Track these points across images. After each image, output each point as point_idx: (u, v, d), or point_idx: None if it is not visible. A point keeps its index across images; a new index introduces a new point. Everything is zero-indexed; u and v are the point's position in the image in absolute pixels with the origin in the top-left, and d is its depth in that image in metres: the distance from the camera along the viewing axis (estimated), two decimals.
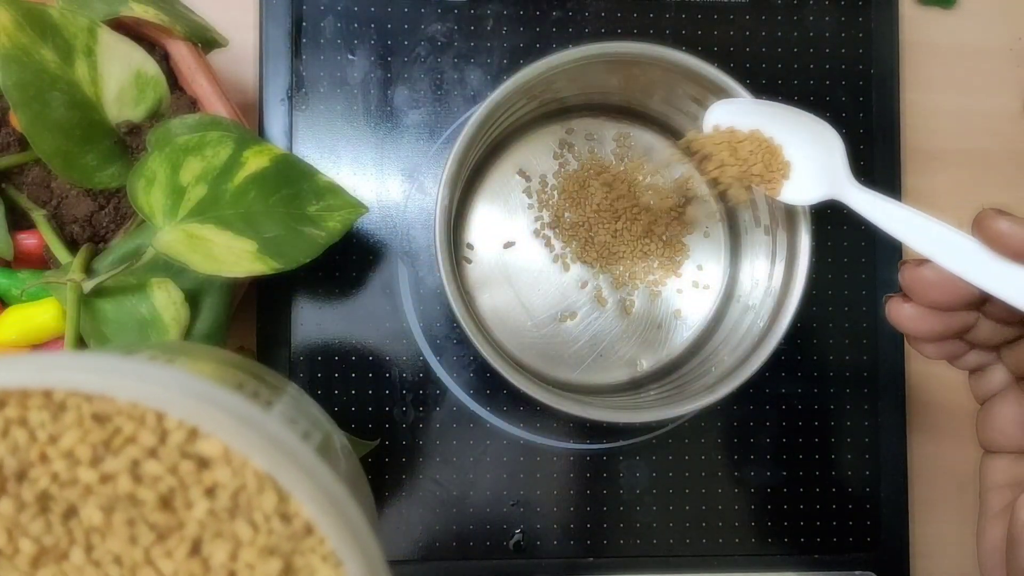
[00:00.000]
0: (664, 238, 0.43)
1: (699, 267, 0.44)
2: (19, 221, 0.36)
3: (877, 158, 0.46)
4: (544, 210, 0.43)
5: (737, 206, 0.43)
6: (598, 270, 0.43)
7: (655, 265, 0.43)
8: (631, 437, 0.44)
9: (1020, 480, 0.29)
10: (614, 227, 0.43)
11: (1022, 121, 0.48)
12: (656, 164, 0.43)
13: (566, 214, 0.43)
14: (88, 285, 0.32)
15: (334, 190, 0.35)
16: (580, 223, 0.43)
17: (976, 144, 0.48)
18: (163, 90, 0.36)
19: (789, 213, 0.38)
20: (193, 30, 0.37)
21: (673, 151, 0.43)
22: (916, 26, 0.48)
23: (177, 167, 0.31)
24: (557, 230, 0.43)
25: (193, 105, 0.37)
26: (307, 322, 0.43)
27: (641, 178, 0.43)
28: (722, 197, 0.35)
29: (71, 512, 0.19)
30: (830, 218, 0.45)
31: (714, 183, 0.36)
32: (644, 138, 0.44)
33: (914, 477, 0.45)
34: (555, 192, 0.43)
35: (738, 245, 0.43)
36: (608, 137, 0.44)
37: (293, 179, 0.34)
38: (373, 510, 0.30)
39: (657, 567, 0.43)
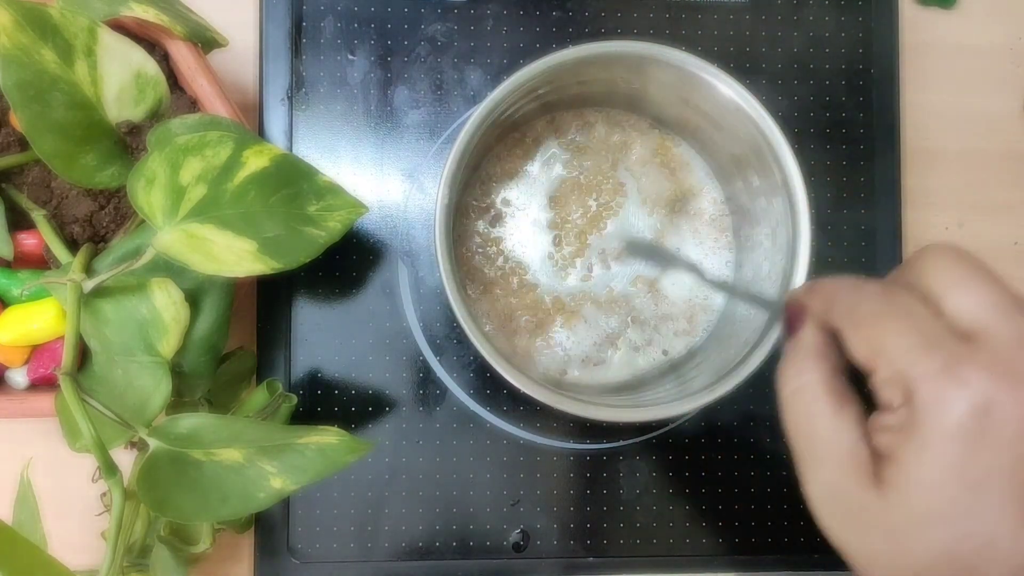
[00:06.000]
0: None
1: (700, 265, 0.43)
2: (19, 221, 0.36)
3: (877, 158, 0.46)
4: (547, 209, 0.43)
5: (741, 205, 0.43)
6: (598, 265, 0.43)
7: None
8: (631, 437, 0.44)
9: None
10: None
11: (1022, 121, 0.48)
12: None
13: (568, 215, 0.43)
14: (88, 285, 0.32)
15: (334, 190, 0.35)
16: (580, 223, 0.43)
17: (976, 144, 0.48)
18: (163, 90, 0.36)
19: (791, 212, 0.38)
20: (193, 30, 0.37)
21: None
22: (916, 26, 0.48)
23: (177, 167, 0.31)
24: (561, 232, 0.43)
25: (193, 105, 0.37)
26: (307, 322, 0.43)
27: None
28: None
29: None
30: (830, 218, 0.45)
31: None
32: (642, 128, 0.44)
33: None
34: (557, 193, 0.43)
35: (740, 244, 0.43)
36: (607, 131, 0.44)
37: (293, 179, 0.34)
38: None
39: (657, 567, 0.43)
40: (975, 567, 0.24)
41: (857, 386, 0.28)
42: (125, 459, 0.33)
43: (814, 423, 0.28)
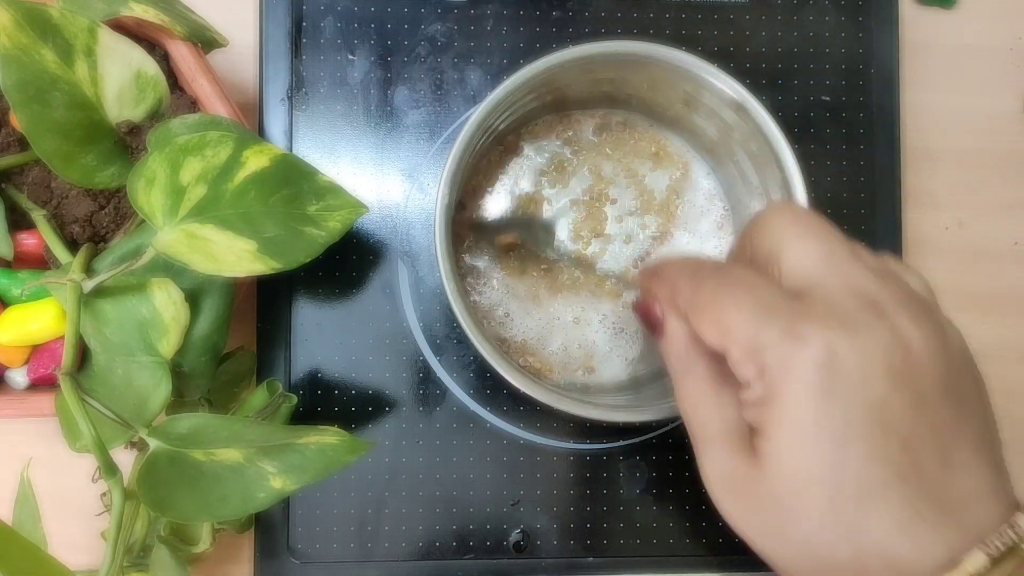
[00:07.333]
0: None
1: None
2: (19, 221, 0.36)
3: (877, 158, 0.46)
4: (547, 208, 0.43)
5: (741, 204, 0.43)
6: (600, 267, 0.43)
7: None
8: (631, 437, 0.44)
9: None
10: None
11: (1022, 121, 0.48)
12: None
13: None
14: (88, 285, 0.32)
15: (334, 190, 0.35)
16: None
17: (976, 144, 0.48)
18: (163, 90, 0.36)
19: None
20: (193, 30, 0.37)
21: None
22: (916, 26, 0.48)
23: (177, 167, 0.31)
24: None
25: (193, 105, 0.37)
26: (307, 322, 0.43)
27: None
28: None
29: None
30: (830, 217, 0.45)
31: None
32: (642, 127, 0.44)
33: None
34: (556, 192, 0.43)
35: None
36: (606, 130, 0.44)
37: (293, 179, 0.34)
38: None
39: (657, 567, 0.43)
40: (855, 522, 0.24)
41: None
42: (125, 459, 0.33)
43: (700, 408, 0.28)
